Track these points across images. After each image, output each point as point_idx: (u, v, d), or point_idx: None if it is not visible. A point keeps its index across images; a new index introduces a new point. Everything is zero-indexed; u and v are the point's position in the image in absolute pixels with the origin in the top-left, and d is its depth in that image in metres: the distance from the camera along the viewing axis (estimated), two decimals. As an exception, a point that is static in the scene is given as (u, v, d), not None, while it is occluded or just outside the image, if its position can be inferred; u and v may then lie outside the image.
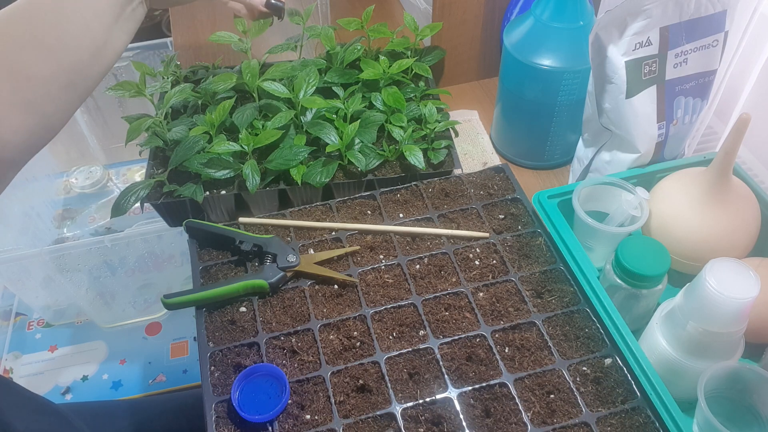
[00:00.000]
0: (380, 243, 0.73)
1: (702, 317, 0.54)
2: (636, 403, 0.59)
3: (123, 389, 1.44)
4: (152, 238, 1.33)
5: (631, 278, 0.61)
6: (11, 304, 1.62)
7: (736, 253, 0.66)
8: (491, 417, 0.59)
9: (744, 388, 0.56)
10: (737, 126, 0.60)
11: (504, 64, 0.83)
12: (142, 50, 1.54)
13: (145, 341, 1.52)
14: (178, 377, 1.46)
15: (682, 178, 0.69)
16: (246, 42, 0.85)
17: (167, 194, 0.76)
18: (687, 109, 0.73)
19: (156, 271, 1.46)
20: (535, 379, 0.61)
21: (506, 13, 0.95)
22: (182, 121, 0.82)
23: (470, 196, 0.78)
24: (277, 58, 0.93)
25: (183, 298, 0.67)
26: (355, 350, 0.64)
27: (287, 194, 0.78)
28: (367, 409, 0.59)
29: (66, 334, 1.55)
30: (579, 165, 0.81)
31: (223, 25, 1.18)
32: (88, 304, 1.45)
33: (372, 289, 0.69)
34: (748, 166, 0.83)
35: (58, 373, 1.47)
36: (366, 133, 0.80)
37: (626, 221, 0.69)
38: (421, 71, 0.87)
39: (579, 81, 0.77)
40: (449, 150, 0.81)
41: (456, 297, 0.68)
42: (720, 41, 0.70)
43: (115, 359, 1.49)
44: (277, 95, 0.79)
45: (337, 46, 0.90)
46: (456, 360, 0.63)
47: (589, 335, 0.64)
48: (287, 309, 0.68)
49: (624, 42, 0.67)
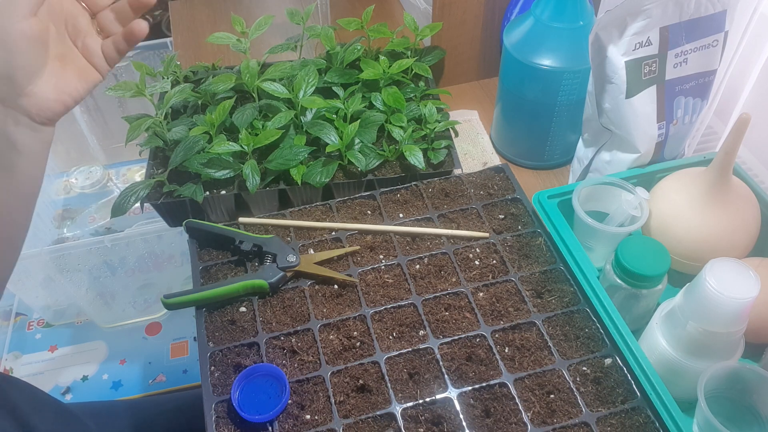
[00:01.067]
0: (380, 243, 0.73)
1: (702, 317, 0.54)
2: (636, 403, 0.59)
3: (123, 389, 1.44)
4: (152, 238, 1.33)
5: (631, 278, 0.61)
6: (11, 304, 1.62)
7: (736, 253, 0.66)
8: (491, 417, 0.59)
9: (744, 388, 0.56)
10: (737, 126, 0.60)
11: (504, 64, 0.83)
12: (142, 50, 1.54)
13: (145, 341, 1.52)
14: (178, 377, 1.46)
15: (682, 178, 0.69)
16: (244, 42, 0.85)
17: (167, 194, 0.76)
18: (687, 109, 0.73)
19: (156, 271, 1.46)
20: (535, 379, 0.61)
21: (506, 13, 0.95)
22: (182, 121, 0.82)
23: (470, 196, 0.78)
24: (277, 58, 0.93)
25: (183, 298, 0.67)
26: (355, 350, 0.64)
27: (287, 194, 0.78)
28: (367, 409, 0.59)
29: (66, 334, 1.55)
30: (579, 165, 0.81)
31: (223, 25, 1.18)
32: (88, 304, 1.45)
33: (372, 289, 0.69)
34: (748, 166, 0.83)
35: (58, 373, 1.47)
36: (366, 133, 0.80)
37: (626, 221, 0.69)
38: (421, 71, 0.87)
39: (579, 81, 0.77)
40: (449, 150, 0.81)
41: (456, 297, 0.68)
42: (720, 41, 0.70)
43: (115, 359, 1.49)
44: (277, 95, 0.79)
45: (337, 46, 0.90)
46: (456, 360, 0.63)
47: (589, 335, 0.64)
48: (287, 309, 0.68)
49: (624, 42, 0.67)
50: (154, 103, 0.80)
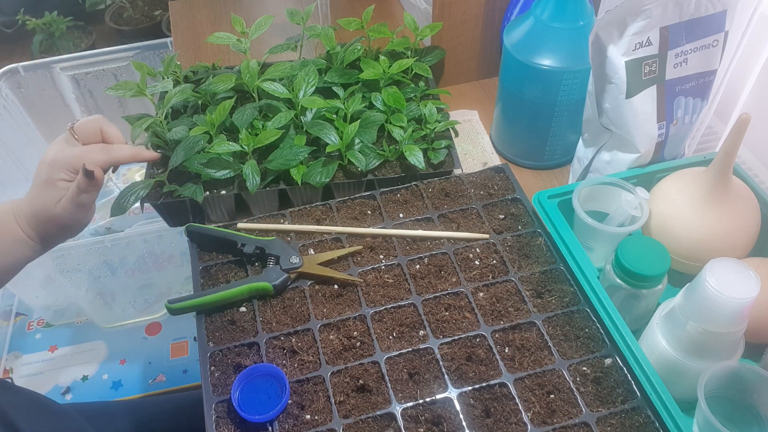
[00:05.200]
0: (380, 243, 0.73)
1: (702, 317, 0.54)
2: (636, 403, 0.59)
3: (123, 389, 1.44)
4: (152, 238, 1.33)
5: (631, 278, 0.61)
6: (11, 304, 1.62)
7: (736, 253, 0.66)
8: (491, 417, 0.59)
9: (744, 388, 0.56)
10: (737, 126, 0.60)
11: (504, 64, 0.83)
12: (142, 50, 1.54)
13: (145, 341, 1.52)
14: (178, 377, 1.46)
15: (682, 178, 0.69)
16: (244, 42, 0.85)
17: (167, 194, 0.76)
18: (687, 109, 0.73)
19: (156, 271, 1.46)
20: (535, 379, 0.61)
21: (506, 13, 0.95)
22: (182, 121, 0.82)
23: (470, 196, 0.78)
24: (277, 58, 0.93)
25: (186, 303, 0.67)
26: (355, 350, 0.64)
27: (287, 194, 0.78)
28: (367, 409, 0.59)
29: (66, 334, 1.55)
30: (579, 165, 0.81)
31: (223, 25, 1.18)
32: (88, 304, 1.45)
33: (372, 289, 0.69)
34: (748, 166, 0.83)
35: (58, 373, 1.47)
36: (366, 133, 0.80)
37: (626, 221, 0.69)
38: (421, 71, 0.87)
39: (579, 81, 0.77)
40: (449, 150, 0.81)
41: (456, 297, 0.68)
42: (720, 41, 0.70)
43: (115, 359, 1.49)
44: (277, 95, 0.79)
45: (337, 46, 0.90)
46: (456, 360, 0.63)
47: (589, 335, 0.64)
48: (287, 309, 0.68)
49: (624, 42, 0.67)
50: (154, 103, 0.80)
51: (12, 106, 1.52)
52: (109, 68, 1.57)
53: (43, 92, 1.57)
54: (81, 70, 1.56)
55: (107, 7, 2.37)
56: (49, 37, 2.21)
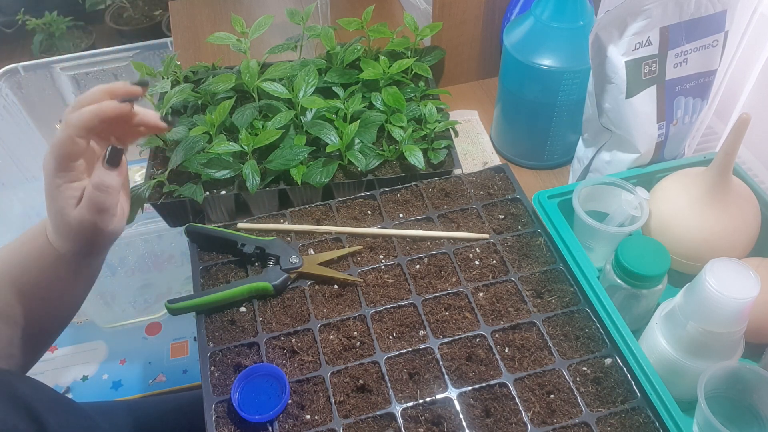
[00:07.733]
0: (380, 243, 0.73)
1: (702, 317, 0.54)
2: (636, 403, 0.59)
3: (123, 389, 1.44)
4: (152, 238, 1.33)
5: (631, 278, 0.61)
6: (11, 304, 1.61)
7: (736, 253, 0.66)
8: (491, 417, 0.59)
9: (744, 388, 0.56)
10: (737, 126, 0.60)
11: (504, 64, 0.83)
12: (142, 50, 1.54)
13: (145, 341, 1.52)
14: (178, 377, 1.46)
15: (682, 178, 0.69)
16: (244, 42, 0.85)
17: (167, 194, 0.76)
18: (687, 109, 0.73)
19: (156, 271, 1.46)
20: (535, 379, 0.61)
21: (506, 13, 0.95)
22: (182, 121, 0.82)
23: (470, 196, 0.78)
24: (277, 58, 0.93)
25: (187, 303, 0.67)
26: (355, 350, 0.64)
27: (287, 194, 0.78)
28: (367, 409, 0.59)
29: (66, 334, 1.53)
30: (579, 165, 0.81)
31: (223, 25, 1.18)
32: (88, 304, 1.45)
33: (372, 289, 0.69)
34: (748, 166, 0.83)
35: (58, 373, 1.47)
36: (366, 133, 0.80)
37: (626, 221, 0.69)
38: (421, 71, 0.87)
39: (579, 81, 0.77)
40: (449, 150, 0.81)
41: (456, 297, 0.68)
42: (720, 41, 0.70)
43: (115, 359, 1.49)
44: (277, 95, 0.79)
45: (337, 46, 0.90)
46: (456, 360, 0.63)
47: (589, 335, 0.64)
48: (287, 309, 0.68)
49: (624, 42, 0.67)
50: (154, 103, 0.80)
51: (12, 106, 1.52)
52: (109, 68, 1.57)
53: (43, 92, 1.57)
54: (81, 70, 1.56)
55: (107, 7, 2.38)
56: (49, 37, 2.21)
